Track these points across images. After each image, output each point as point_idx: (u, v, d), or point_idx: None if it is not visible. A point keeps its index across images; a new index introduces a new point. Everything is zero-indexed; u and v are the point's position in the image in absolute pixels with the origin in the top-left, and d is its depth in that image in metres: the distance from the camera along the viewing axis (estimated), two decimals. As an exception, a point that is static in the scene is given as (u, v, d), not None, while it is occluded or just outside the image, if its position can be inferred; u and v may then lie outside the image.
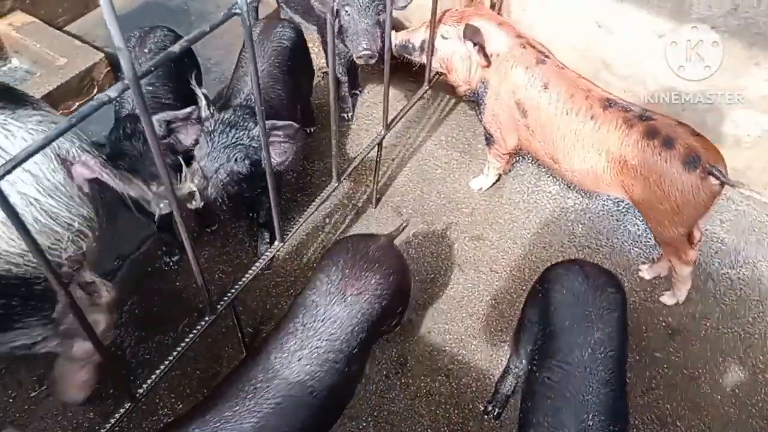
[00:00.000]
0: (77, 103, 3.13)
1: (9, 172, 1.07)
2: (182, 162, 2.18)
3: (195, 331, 1.98)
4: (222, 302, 2.05)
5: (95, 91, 3.19)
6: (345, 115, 3.31)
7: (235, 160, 2.20)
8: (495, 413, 2.27)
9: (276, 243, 2.21)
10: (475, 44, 2.50)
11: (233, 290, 2.08)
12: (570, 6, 2.88)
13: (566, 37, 2.98)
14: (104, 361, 1.62)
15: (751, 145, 2.80)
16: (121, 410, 1.79)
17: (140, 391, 1.85)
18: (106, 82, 3.20)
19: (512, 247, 2.81)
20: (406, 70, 3.40)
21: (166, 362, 1.92)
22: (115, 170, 1.87)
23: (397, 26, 3.53)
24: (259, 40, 2.70)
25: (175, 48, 1.36)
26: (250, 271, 2.14)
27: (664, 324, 2.57)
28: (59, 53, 3.14)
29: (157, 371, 1.91)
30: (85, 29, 3.64)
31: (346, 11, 2.71)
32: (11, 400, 2.26)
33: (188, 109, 2.19)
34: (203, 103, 2.22)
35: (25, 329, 1.79)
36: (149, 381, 1.91)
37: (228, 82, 2.74)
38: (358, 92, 3.43)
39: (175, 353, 1.94)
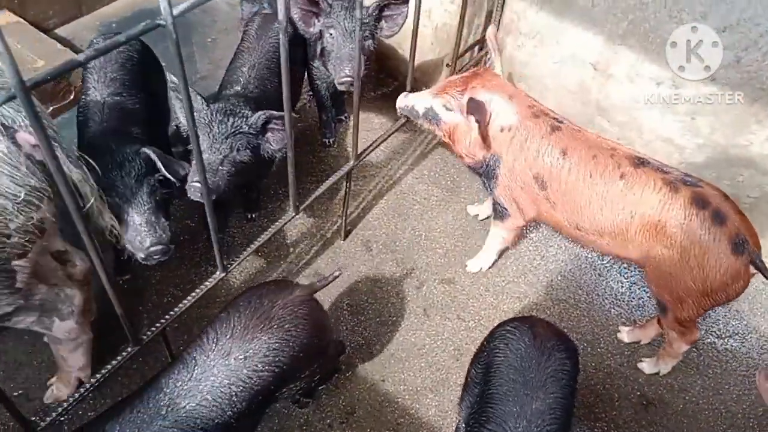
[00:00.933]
0: (51, 107, 3.04)
1: None
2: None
3: (114, 362, 1.83)
4: (149, 333, 1.90)
5: (71, 96, 3.10)
6: (326, 141, 3.18)
7: (237, 149, 2.21)
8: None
9: (217, 273, 2.06)
10: (477, 122, 2.26)
11: (163, 320, 1.94)
12: (566, 46, 2.74)
13: (561, 77, 2.83)
14: None
15: (750, 206, 2.60)
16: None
17: (43, 424, 1.70)
18: (84, 87, 3.11)
19: (484, 295, 2.63)
20: (394, 98, 3.29)
21: (77, 394, 1.77)
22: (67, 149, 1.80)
23: (389, 53, 3.42)
24: (257, 35, 2.70)
25: (80, 57, 1.23)
26: (184, 301, 1.99)
27: (638, 393, 2.36)
28: (38, 55, 3.06)
29: (66, 402, 1.76)
30: (75, 33, 3.58)
31: (330, 34, 2.60)
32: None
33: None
34: (198, 97, 2.20)
35: None
36: (58, 411, 1.77)
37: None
38: (343, 118, 3.31)
39: (88, 385, 1.79)
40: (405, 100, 2.53)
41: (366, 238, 2.80)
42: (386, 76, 3.53)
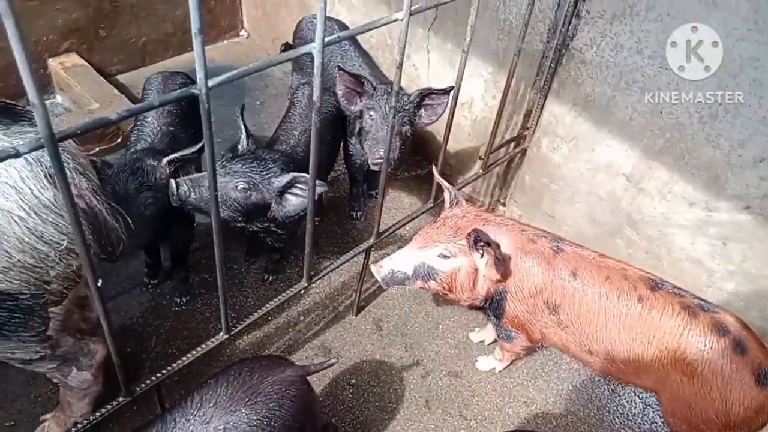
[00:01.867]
0: (97, 148, 3.18)
1: None
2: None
3: (103, 410, 1.82)
4: (143, 385, 1.88)
5: (119, 140, 3.24)
6: (354, 214, 3.22)
7: (236, 187, 2.24)
8: None
9: (221, 334, 2.05)
10: (482, 254, 2.11)
11: (159, 374, 1.92)
12: (601, 154, 2.75)
13: (594, 184, 2.83)
14: None
15: (777, 342, 2.50)
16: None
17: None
18: (132, 132, 3.26)
19: (490, 395, 2.54)
20: (427, 181, 3.33)
21: (60, 440, 1.76)
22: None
23: (428, 138, 3.50)
24: (305, 105, 2.82)
25: (113, 116, 1.29)
26: (183, 359, 1.98)
27: None
28: (95, 98, 3.23)
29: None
30: (134, 81, 3.78)
31: (370, 115, 2.67)
32: None
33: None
34: (243, 135, 2.36)
35: (21, 342, 1.73)
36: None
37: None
38: (374, 194, 3.35)
39: (74, 429, 1.77)
40: (382, 270, 2.27)
41: (378, 317, 2.77)
42: (423, 159, 3.59)
